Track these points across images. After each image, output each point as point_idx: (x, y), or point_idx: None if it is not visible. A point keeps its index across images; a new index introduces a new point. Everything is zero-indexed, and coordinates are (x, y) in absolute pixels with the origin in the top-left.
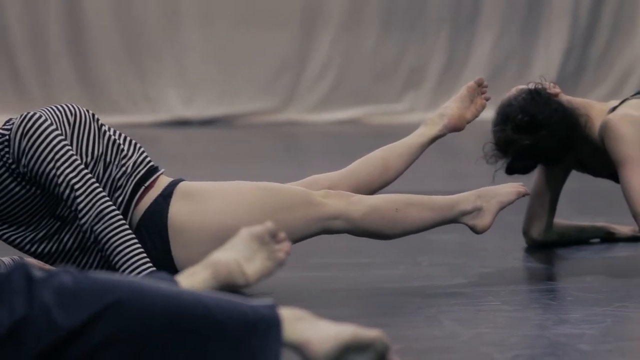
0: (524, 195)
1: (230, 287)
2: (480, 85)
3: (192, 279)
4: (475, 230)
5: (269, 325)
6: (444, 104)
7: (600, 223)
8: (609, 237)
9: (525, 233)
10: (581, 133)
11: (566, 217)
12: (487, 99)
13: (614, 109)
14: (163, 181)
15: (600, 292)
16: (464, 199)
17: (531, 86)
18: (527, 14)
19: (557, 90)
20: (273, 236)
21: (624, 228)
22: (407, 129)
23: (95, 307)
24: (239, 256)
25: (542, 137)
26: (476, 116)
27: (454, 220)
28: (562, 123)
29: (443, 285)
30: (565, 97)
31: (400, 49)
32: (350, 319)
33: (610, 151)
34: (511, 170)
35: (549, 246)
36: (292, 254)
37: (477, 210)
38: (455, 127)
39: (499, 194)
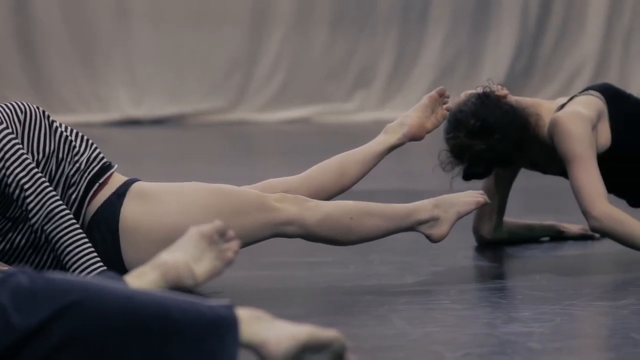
0: (483, 205)
1: (180, 287)
2: (441, 95)
3: (141, 280)
4: (431, 239)
5: (227, 325)
6: (405, 113)
7: (549, 222)
8: (558, 236)
9: (475, 231)
10: (532, 132)
11: (515, 215)
12: (449, 110)
13: (562, 106)
14: (117, 179)
15: (550, 291)
16: (421, 208)
17: (479, 90)
18: (477, 13)
19: (505, 92)
20: (221, 235)
21: (573, 227)
22: (357, 128)
23: (52, 308)
24: (187, 256)
25: (496, 141)
26: (436, 126)
27: (410, 228)
28: (513, 124)
29: (393, 284)
30: (513, 98)
31: (349, 48)
32: (301, 318)
33: (559, 148)
34: (468, 176)
35: (498, 245)
36: (245, 253)
37: (434, 220)
38: (415, 136)
39: (457, 203)
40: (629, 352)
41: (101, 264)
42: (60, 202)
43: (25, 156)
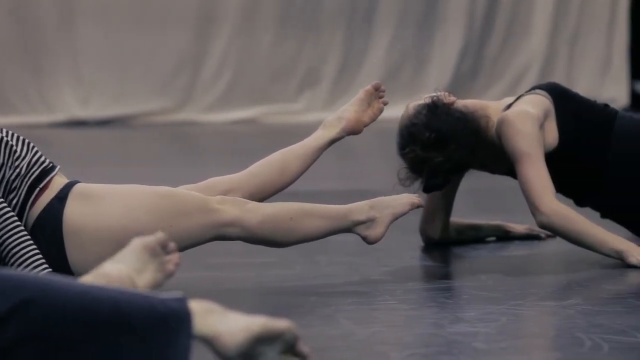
0: (418, 207)
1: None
2: (377, 89)
3: None
4: (367, 240)
5: (179, 318)
6: (342, 107)
7: (495, 222)
8: (504, 236)
9: (422, 232)
10: (483, 135)
11: (462, 215)
12: (385, 103)
13: (509, 106)
14: (58, 182)
15: (496, 291)
16: (358, 209)
17: (427, 100)
18: (423, 14)
19: (452, 98)
20: (163, 247)
21: (520, 226)
22: (303, 129)
23: (6, 305)
24: (130, 268)
25: (452, 150)
26: (373, 119)
27: (347, 229)
28: (466, 131)
29: (340, 284)
30: (461, 103)
31: (296, 48)
32: None
33: (507, 147)
34: (428, 189)
35: (445, 245)
36: (191, 254)
37: (370, 221)
38: (353, 130)
39: (393, 205)
40: (575, 351)
41: (47, 265)
42: (5, 204)
43: None
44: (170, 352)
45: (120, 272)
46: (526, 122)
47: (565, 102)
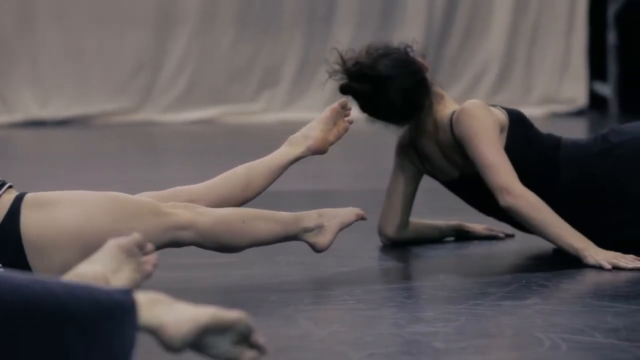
0: (362, 219)
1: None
2: (343, 107)
3: None
4: (315, 248)
5: (124, 310)
6: (308, 125)
7: (454, 221)
8: (463, 236)
9: (381, 231)
10: (430, 103)
11: (420, 215)
12: (351, 122)
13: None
14: (6, 199)
15: (455, 291)
16: (307, 216)
17: (400, 46)
18: (383, 14)
19: (425, 64)
20: (140, 248)
21: (478, 226)
22: (262, 129)
23: None
24: (105, 269)
25: (386, 67)
26: (339, 138)
27: (296, 236)
28: (411, 69)
29: (299, 284)
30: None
31: (255, 48)
32: None
33: (464, 134)
34: (345, 90)
35: (404, 245)
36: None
37: (318, 228)
38: (318, 150)
39: (340, 214)
40: (534, 351)
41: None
42: None
43: None
44: (115, 343)
45: (95, 272)
46: (484, 110)
47: (520, 125)
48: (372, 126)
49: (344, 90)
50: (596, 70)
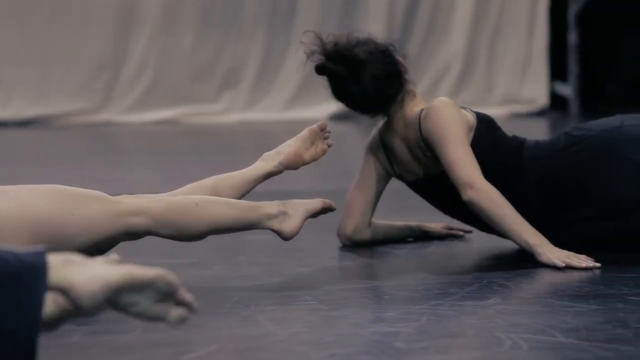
0: (329, 208)
1: (77, 311)
2: (322, 129)
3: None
4: (282, 234)
5: (34, 272)
6: (285, 142)
7: (413, 222)
8: (423, 236)
9: (340, 231)
10: (402, 100)
11: (380, 216)
12: (329, 145)
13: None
14: None
15: (416, 291)
16: (268, 203)
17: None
18: (343, 13)
19: (404, 66)
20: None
21: (437, 225)
22: (224, 129)
23: None
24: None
25: (363, 52)
26: (315, 159)
27: (258, 223)
28: (387, 60)
29: (260, 284)
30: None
31: (217, 49)
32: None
33: (431, 130)
34: (321, 69)
35: (365, 245)
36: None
37: (282, 215)
38: (291, 165)
39: (305, 203)
40: (495, 351)
41: None
42: None
43: None
44: (25, 305)
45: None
46: (452, 109)
47: (488, 128)
48: (336, 126)
49: (319, 70)
50: (557, 70)
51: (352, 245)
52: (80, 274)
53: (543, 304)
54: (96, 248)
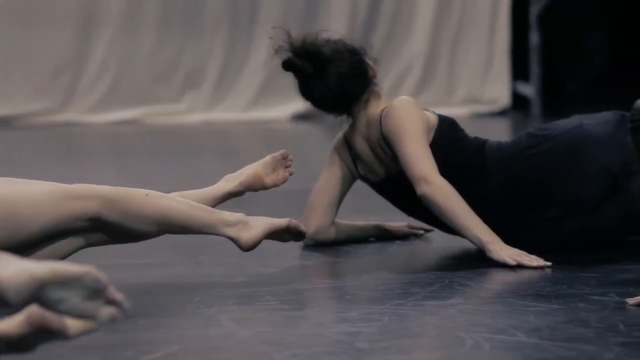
0: (299, 233)
1: (46, 332)
2: (284, 158)
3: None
4: (239, 242)
5: None
6: (248, 165)
7: (375, 221)
8: (385, 235)
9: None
10: (367, 101)
11: (342, 216)
12: (291, 173)
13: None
14: None
15: (378, 291)
16: (228, 212)
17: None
18: (305, 15)
19: (373, 70)
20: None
21: (399, 225)
22: (186, 130)
23: None
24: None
25: (330, 50)
26: (276, 185)
27: (214, 227)
28: (354, 59)
29: (222, 285)
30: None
31: (178, 49)
32: (127, 319)
33: (390, 128)
34: (287, 65)
35: (327, 245)
36: (71, 257)
37: (242, 224)
38: (251, 186)
39: (271, 219)
40: (456, 351)
41: None
42: None
43: None
44: None
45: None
46: (414, 108)
47: (449, 129)
48: (299, 126)
49: (285, 65)
50: (519, 70)
51: (315, 245)
52: (5, 267)
53: (505, 304)
54: (52, 238)
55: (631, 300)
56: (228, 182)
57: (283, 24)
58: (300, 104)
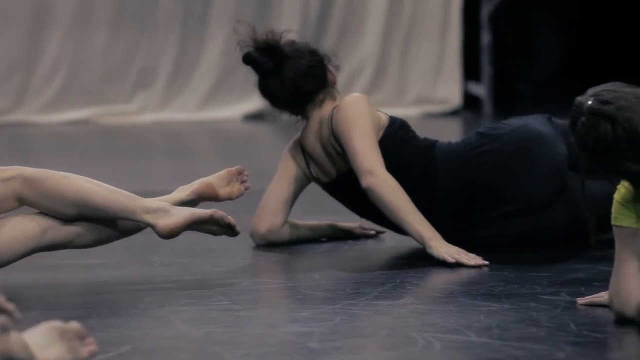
0: (225, 222)
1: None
2: (240, 173)
3: None
4: (157, 229)
5: None
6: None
7: (327, 221)
8: (337, 235)
9: (253, 231)
10: (322, 100)
11: (294, 216)
12: (247, 188)
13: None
14: None
15: (330, 291)
16: (151, 200)
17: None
18: (258, 14)
19: (333, 74)
20: (80, 337)
21: (351, 225)
22: (138, 129)
23: None
24: (30, 340)
25: (290, 49)
26: (230, 198)
27: (134, 212)
28: (314, 59)
29: (174, 285)
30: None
31: (130, 49)
32: (80, 319)
33: (340, 123)
34: (247, 58)
35: (278, 245)
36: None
37: (162, 212)
38: (203, 194)
39: (194, 209)
40: (408, 351)
41: None
42: None
43: None
44: None
45: (17, 337)
46: (364, 104)
47: (399, 129)
48: (251, 126)
49: (245, 58)
50: (470, 70)
51: (266, 245)
52: None
53: (456, 303)
54: None
55: (582, 300)
56: (181, 192)
57: (235, 23)
58: (252, 104)
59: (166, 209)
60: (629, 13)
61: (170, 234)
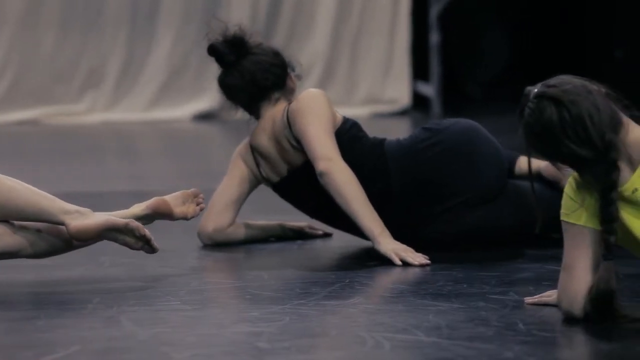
0: (140, 234)
1: None
2: (195, 196)
3: None
4: (68, 229)
5: None
6: None
7: (275, 221)
8: (285, 235)
9: (203, 231)
10: (277, 99)
11: (243, 215)
12: (201, 209)
13: None
14: None
15: (279, 291)
16: (70, 204)
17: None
18: (207, 12)
19: (294, 81)
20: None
21: (299, 225)
22: (87, 129)
23: None
24: None
25: (255, 46)
26: (185, 217)
27: (52, 214)
28: (277, 60)
29: (123, 285)
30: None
31: (78, 48)
32: (27, 320)
33: (297, 116)
34: (212, 49)
35: (226, 245)
36: None
37: (79, 213)
38: (158, 209)
39: (110, 216)
40: (358, 350)
41: None
42: None
43: None
44: None
45: None
46: (323, 97)
47: (351, 127)
48: (200, 126)
49: (210, 49)
50: (419, 70)
51: (214, 245)
52: None
53: (405, 303)
54: None
55: (530, 299)
56: (135, 208)
57: (183, 24)
58: (202, 104)
59: (83, 211)
60: (575, 13)
61: (79, 235)
